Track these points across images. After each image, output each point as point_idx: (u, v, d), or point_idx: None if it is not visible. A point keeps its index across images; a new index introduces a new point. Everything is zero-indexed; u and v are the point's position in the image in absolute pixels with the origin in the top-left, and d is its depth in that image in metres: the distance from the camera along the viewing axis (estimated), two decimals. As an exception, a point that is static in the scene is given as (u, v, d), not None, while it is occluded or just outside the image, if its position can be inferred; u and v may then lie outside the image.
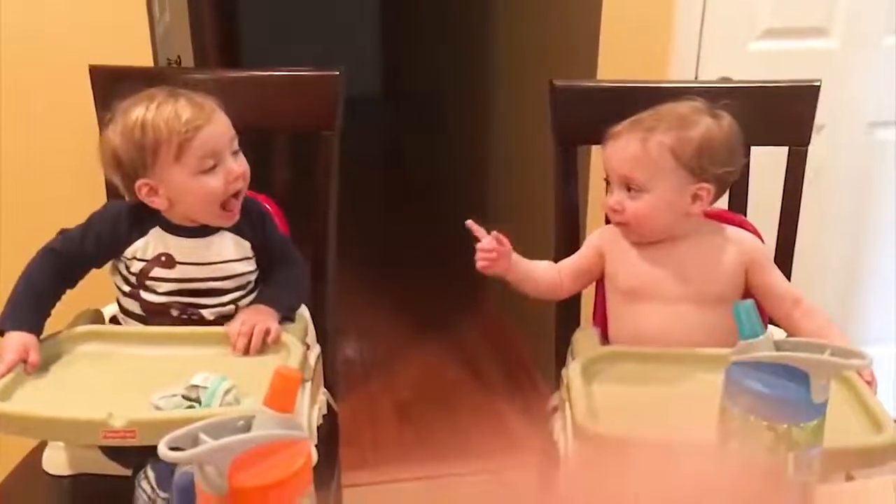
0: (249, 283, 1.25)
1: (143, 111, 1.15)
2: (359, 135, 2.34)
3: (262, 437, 0.57)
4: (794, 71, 1.49)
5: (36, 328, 1.12)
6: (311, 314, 1.33)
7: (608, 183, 1.23)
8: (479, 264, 1.19)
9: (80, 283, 1.22)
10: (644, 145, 1.16)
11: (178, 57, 2.01)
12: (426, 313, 2.80)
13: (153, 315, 1.21)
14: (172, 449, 0.56)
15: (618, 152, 1.19)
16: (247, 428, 0.58)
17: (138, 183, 1.16)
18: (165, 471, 0.89)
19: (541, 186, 1.88)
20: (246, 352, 1.14)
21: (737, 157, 1.20)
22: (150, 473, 1.03)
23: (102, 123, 1.21)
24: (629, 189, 1.18)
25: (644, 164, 1.16)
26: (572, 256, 1.29)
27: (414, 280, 3.03)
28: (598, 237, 1.27)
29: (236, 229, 1.23)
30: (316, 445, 1.19)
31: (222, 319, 1.21)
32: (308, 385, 1.22)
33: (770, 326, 1.26)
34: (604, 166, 1.22)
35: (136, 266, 1.20)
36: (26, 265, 1.17)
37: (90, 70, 1.38)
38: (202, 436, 0.56)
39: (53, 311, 1.17)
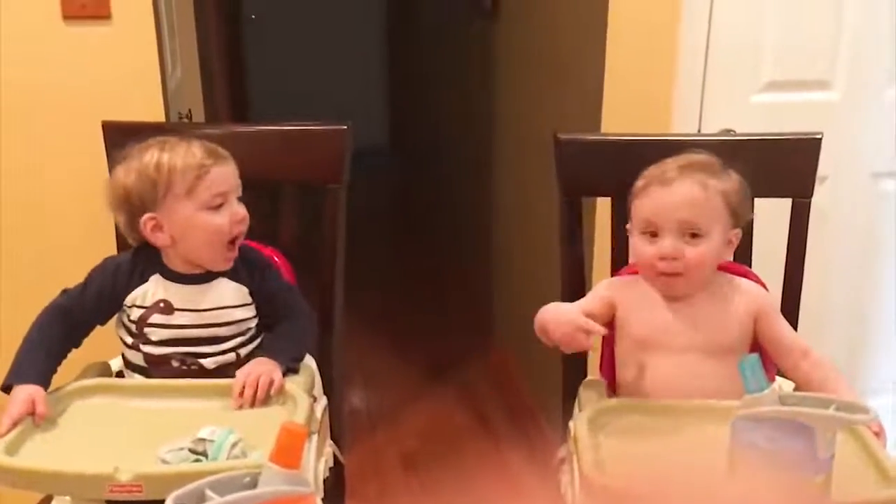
0: (249, 329, 1.26)
1: (158, 152, 1.20)
2: (366, 185, 2.37)
3: (267, 494, 0.57)
4: (796, 123, 1.50)
5: (43, 381, 1.13)
6: (317, 364, 1.33)
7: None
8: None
9: (88, 338, 1.23)
10: (705, 190, 1.17)
11: (189, 111, 2.04)
12: (432, 360, 2.80)
13: (154, 366, 1.22)
14: (179, 506, 0.57)
15: (676, 196, 1.17)
16: (253, 484, 0.58)
17: (144, 217, 1.19)
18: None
19: (544, 234, 1.89)
20: (251, 402, 1.14)
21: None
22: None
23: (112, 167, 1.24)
24: (688, 235, 1.16)
25: (706, 208, 1.16)
26: (580, 302, 1.26)
27: (419, 327, 3.03)
28: (607, 288, 1.26)
29: (234, 275, 1.25)
30: (322, 499, 1.18)
31: (223, 369, 1.22)
32: (314, 437, 1.22)
33: (778, 378, 1.25)
34: (646, 213, 1.18)
35: (136, 313, 1.22)
36: (32, 323, 1.19)
37: (103, 126, 1.41)
38: (208, 492, 0.56)
39: (62, 363, 1.18)
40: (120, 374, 1.28)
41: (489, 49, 2.75)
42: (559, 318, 1.13)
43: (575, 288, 1.42)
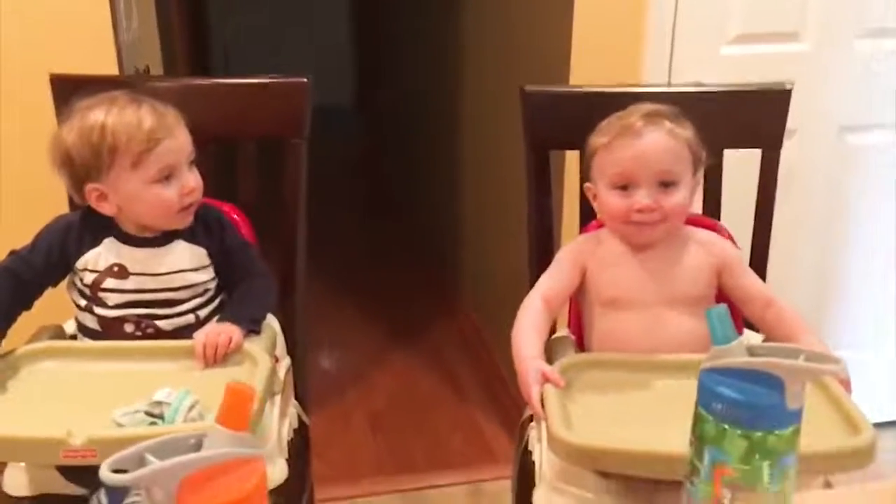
0: (208, 290, 1.22)
1: (103, 114, 1.12)
2: (332, 145, 2.32)
3: (210, 457, 0.54)
4: (765, 75, 1.48)
5: (-9, 345, 1.09)
6: (281, 325, 1.30)
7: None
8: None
9: (41, 300, 1.19)
10: (676, 139, 1.16)
11: (147, 66, 1.97)
12: (400, 322, 2.78)
13: (108, 329, 1.18)
14: (116, 471, 0.53)
15: (651, 146, 1.14)
16: (197, 447, 0.55)
17: (88, 187, 1.14)
18: (119, 495, 0.86)
19: (512, 193, 1.87)
20: (212, 361, 1.11)
21: None
22: (104, 499, 0.99)
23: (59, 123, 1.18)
24: (661, 185, 1.15)
25: (679, 156, 1.15)
26: (555, 282, 1.21)
27: (388, 288, 3.01)
28: (575, 253, 1.22)
29: (191, 237, 1.21)
30: (287, 460, 1.16)
31: (181, 331, 1.18)
32: (277, 398, 1.19)
33: (746, 331, 1.25)
34: (619, 166, 1.15)
35: (89, 277, 1.18)
36: None
37: (51, 79, 1.35)
38: (148, 456, 0.53)
39: (14, 327, 1.14)
40: (74, 338, 1.24)
41: (457, 3, 2.69)
42: (518, 360, 1.09)
43: (543, 241, 1.40)
